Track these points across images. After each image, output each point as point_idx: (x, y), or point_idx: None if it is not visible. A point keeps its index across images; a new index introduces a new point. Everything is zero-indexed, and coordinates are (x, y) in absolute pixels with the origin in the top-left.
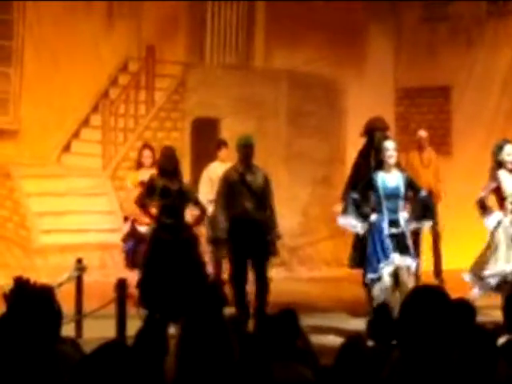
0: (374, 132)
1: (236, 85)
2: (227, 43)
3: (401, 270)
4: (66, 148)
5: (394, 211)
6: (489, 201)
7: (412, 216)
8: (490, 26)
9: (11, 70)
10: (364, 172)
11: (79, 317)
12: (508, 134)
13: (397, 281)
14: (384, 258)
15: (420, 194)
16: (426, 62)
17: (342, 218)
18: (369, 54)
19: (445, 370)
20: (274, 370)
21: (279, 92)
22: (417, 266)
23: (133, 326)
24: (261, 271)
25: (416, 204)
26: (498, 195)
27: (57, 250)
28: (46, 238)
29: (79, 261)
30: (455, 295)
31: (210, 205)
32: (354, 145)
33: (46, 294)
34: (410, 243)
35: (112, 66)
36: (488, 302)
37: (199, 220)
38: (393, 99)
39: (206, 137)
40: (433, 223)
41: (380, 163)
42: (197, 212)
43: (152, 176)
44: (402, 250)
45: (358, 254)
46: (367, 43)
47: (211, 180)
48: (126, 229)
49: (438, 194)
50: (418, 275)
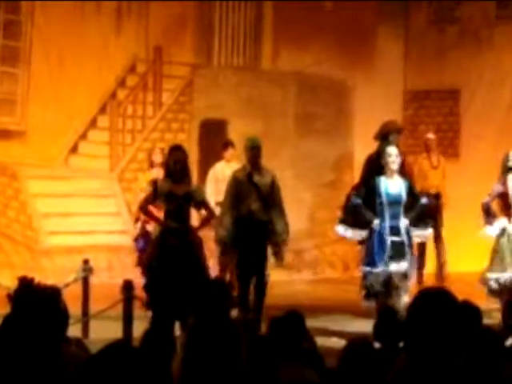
0: (388, 135)
1: (244, 86)
2: (235, 44)
3: (395, 276)
4: (74, 149)
5: (396, 217)
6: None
7: (412, 223)
8: (500, 28)
9: (19, 70)
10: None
11: (86, 318)
12: None
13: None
14: (382, 260)
15: (420, 202)
16: (435, 64)
17: (341, 228)
18: (377, 56)
19: (452, 373)
20: (280, 372)
21: (287, 94)
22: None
23: (139, 328)
24: (260, 273)
25: (416, 211)
26: (504, 201)
27: (63, 251)
28: (53, 239)
29: (86, 262)
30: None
31: (216, 208)
32: (362, 147)
33: (53, 295)
34: (409, 250)
35: (120, 67)
36: (493, 305)
37: (206, 221)
38: (401, 102)
39: (214, 138)
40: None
41: (382, 168)
42: (204, 213)
43: (158, 180)
44: (399, 257)
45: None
46: (376, 45)
47: (217, 180)
48: (138, 229)
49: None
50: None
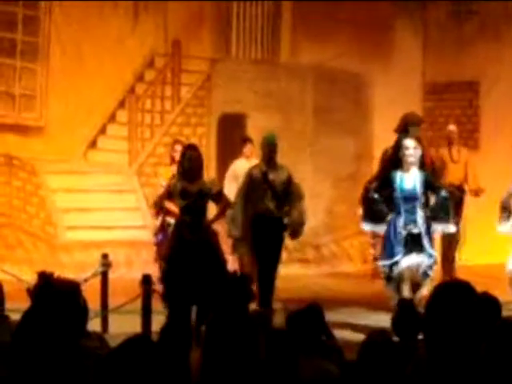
0: (408, 127)
1: (262, 80)
2: (253, 38)
3: (413, 269)
4: (93, 144)
5: (412, 212)
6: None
7: (430, 216)
8: None
9: (37, 66)
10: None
11: (105, 312)
12: None
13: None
14: (399, 251)
15: (439, 194)
16: (453, 56)
17: (365, 224)
18: (396, 49)
19: (471, 365)
20: (300, 365)
21: (305, 87)
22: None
23: (158, 322)
24: (271, 269)
25: (435, 204)
26: None
27: (82, 246)
28: (72, 234)
29: (105, 256)
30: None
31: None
32: (381, 141)
33: (72, 289)
34: (427, 243)
35: (138, 62)
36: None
37: (222, 212)
38: (420, 94)
39: (233, 132)
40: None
41: (398, 161)
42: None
43: (171, 180)
44: (416, 249)
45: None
46: (394, 38)
47: (237, 177)
48: (158, 222)
49: (471, 189)
50: (452, 277)
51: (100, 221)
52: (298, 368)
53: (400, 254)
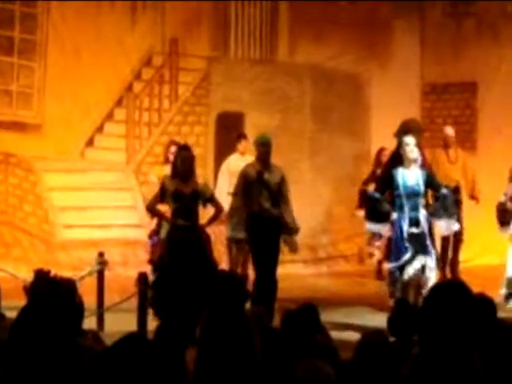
0: (408, 133)
1: (260, 79)
2: (251, 37)
3: (417, 273)
4: (90, 142)
5: (415, 209)
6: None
7: (432, 213)
8: None
9: (35, 64)
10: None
11: (101, 310)
12: None
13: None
14: (405, 251)
15: (440, 192)
16: (451, 57)
17: (369, 224)
18: (393, 50)
19: (467, 367)
20: (295, 365)
21: (303, 87)
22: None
23: (154, 320)
24: (272, 269)
25: (436, 202)
26: None
27: (79, 244)
28: (69, 232)
29: (101, 255)
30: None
31: (228, 199)
32: (379, 141)
33: (68, 287)
34: (430, 242)
35: (136, 60)
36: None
37: (215, 217)
38: (418, 95)
39: (231, 131)
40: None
41: (399, 158)
42: (212, 209)
43: (163, 179)
44: (420, 250)
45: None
46: (392, 38)
47: (230, 172)
48: (153, 225)
49: (469, 191)
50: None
51: (97, 219)
52: (293, 368)
53: (408, 254)
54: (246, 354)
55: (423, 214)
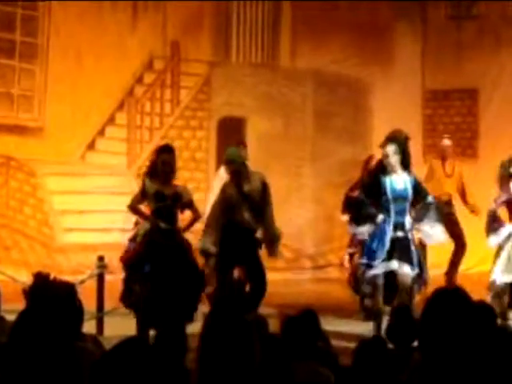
0: (390, 143)
1: (262, 84)
2: (253, 42)
3: (400, 274)
4: (91, 146)
5: (401, 214)
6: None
7: (415, 218)
8: None
9: (36, 67)
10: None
11: (100, 314)
12: None
13: (393, 286)
14: (381, 255)
15: (426, 200)
16: (453, 62)
17: (353, 227)
18: (395, 55)
19: (466, 373)
20: (295, 371)
21: (305, 91)
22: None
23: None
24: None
25: (420, 208)
26: (509, 207)
27: (79, 248)
28: (69, 236)
29: (101, 258)
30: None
31: None
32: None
33: (68, 291)
34: (414, 248)
35: (137, 64)
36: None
37: (193, 222)
38: (420, 100)
39: (232, 136)
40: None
41: (384, 168)
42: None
43: (143, 180)
44: (403, 255)
45: None
46: (394, 43)
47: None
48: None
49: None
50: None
51: (97, 223)
52: (292, 373)
53: (380, 259)
54: (245, 359)
55: (409, 221)
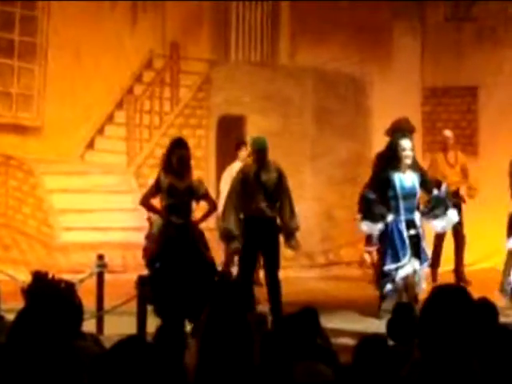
0: (394, 133)
1: (261, 82)
2: (252, 40)
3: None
4: (90, 145)
5: (411, 211)
6: None
7: (425, 212)
8: None
9: (35, 66)
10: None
11: (100, 313)
12: None
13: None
14: (403, 256)
15: (432, 194)
16: (452, 61)
17: (363, 225)
18: (394, 53)
19: (466, 371)
20: (294, 368)
21: (304, 90)
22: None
23: (153, 323)
24: (272, 270)
25: (429, 202)
26: None
27: (79, 247)
28: (68, 235)
29: (100, 257)
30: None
31: None
32: (380, 144)
33: (67, 289)
34: (425, 244)
35: (136, 63)
36: (509, 304)
37: (208, 214)
38: (419, 98)
39: (232, 134)
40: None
41: (393, 162)
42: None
43: (158, 175)
44: (414, 253)
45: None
46: (392, 41)
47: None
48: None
49: (464, 194)
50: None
51: (97, 222)
52: (292, 371)
53: (407, 257)
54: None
55: (418, 217)
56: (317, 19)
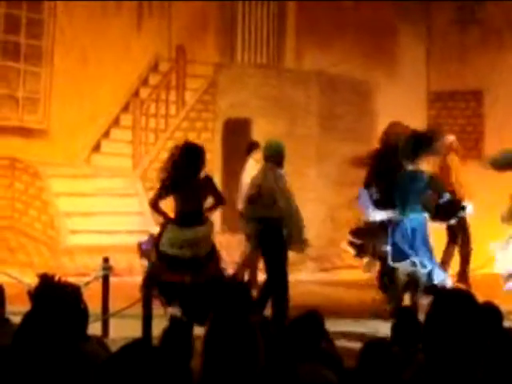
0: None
1: (267, 85)
2: (258, 43)
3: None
4: (96, 148)
5: (417, 210)
6: None
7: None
8: None
9: (41, 69)
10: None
11: (106, 316)
12: None
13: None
14: (411, 251)
15: (442, 198)
16: (457, 65)
17: (373, 213)
18: (400, 56)
19: (471, 375)
20: (299, 372)
21: (310, 93)
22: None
23: (159, 326)
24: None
25: (438, 208)
26: None
27: (85, 250)
28: (74, 238)
29: (106, 260)
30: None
31: None
32: None
33: (73, 292)
34: (430, 244)
35: (142, 66)
36: None
37: (214, 207)
38: (425, 102)
39: (238, 137)
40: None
41: (400, 164)
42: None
43: (168, 175)
44: (421, 253)
45: None
46: (398, 45)
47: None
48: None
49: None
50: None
51: (102, 225)
52: (297, 375)
53: (410, 255)
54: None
55: (424, 216)
56: (322, 23)
